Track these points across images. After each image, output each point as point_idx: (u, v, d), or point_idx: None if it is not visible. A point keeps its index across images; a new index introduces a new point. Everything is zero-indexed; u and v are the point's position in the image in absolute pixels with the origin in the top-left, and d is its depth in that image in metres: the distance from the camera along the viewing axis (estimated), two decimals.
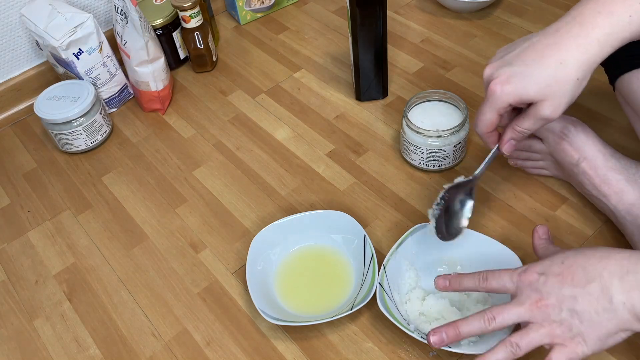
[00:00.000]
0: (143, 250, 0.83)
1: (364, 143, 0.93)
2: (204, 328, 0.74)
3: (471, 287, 0.61)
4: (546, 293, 0.54)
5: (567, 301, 0.53)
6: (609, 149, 0.73)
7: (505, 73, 0.57)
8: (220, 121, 1.00)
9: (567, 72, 0.55)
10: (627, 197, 0.70)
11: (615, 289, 0.52)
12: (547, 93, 0.56)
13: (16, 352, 0.75)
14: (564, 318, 0.53)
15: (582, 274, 0.53)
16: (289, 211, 0.84)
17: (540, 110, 0.58)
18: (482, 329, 0.57)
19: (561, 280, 0.54)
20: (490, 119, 0.60)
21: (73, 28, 0.94)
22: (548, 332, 0.54)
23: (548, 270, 0.55)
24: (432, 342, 0.58)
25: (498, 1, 1.13)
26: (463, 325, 0.58)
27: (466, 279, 0.61)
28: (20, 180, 0.96)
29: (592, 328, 0.52)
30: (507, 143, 0.64)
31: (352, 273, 0.75)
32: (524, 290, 0.56)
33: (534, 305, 0.54)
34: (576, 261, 0.54)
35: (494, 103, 0.59)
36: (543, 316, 0.54)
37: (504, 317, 0.56)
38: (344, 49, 1.10)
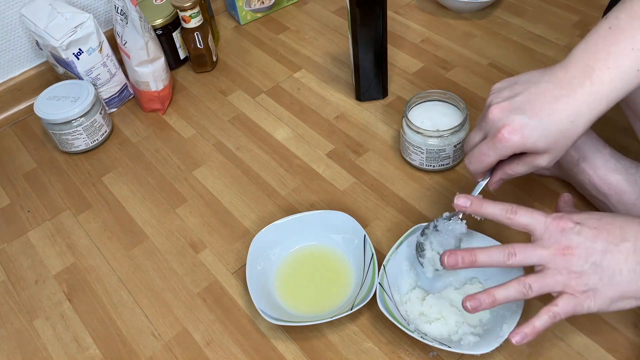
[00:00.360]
0: (143, 250, 0.83)
1: (364, 143, 0.93)
2: (204, 328, 0.74)
3: (495, 215, 0.58)
4: (576, 243, 0.53)
5: (595, 254, 0.52)
6: (609, 149, 0.73)
7: (517, 122, 0.55)
8: (220, 121, 1.00)
9: (575, 130, 0.55)
10: (627, 197, 0.70)
11: None
12: (551, 148, 0.56)
13: (16, 352, 0.75)
14: (585, 270, 0.52)
15: (619, 232, 0.53)
16: (289, 211, 0.84)
17: (538, 160, 0.57)
18: (499, 261, 0.55)
19: (596, 234, 0.53)
20: (491, 162, 0.59)
21: (73, 28, 0.94)
22: (564, 281, 0.53)
23: (585, 222, 0.54)
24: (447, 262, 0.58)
25: (498, 1, 1.13)
26: (481, 254, 0.57)
27: (491, 205, 0.58)
28: (20, 180, 0.96)
29: (610, 286, 0.52)
30: (496, 183, 0.63)
31: (352, 273, 0.75)
32: (553, 235, 0.54)
33: (559, 252, 0.53)
34: (614, 220, 0.54)
35: (501, 150, 0.57)
36: (564, 264, 0.53)
37: (525, 255, 0.55)
38: (344, 49, 1.10)
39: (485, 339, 0.64)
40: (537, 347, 0.66)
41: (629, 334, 0.66)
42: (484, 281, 0.71)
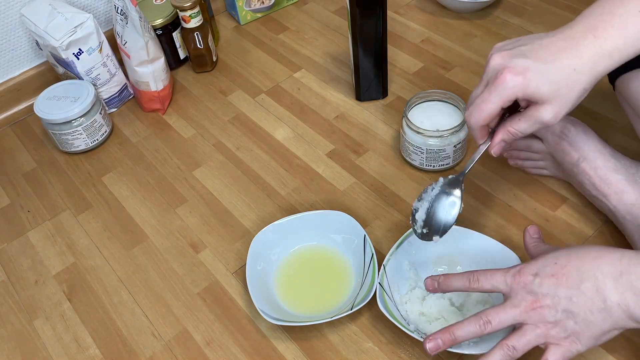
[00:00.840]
0: (143, 250, 0.83)
1: (364, 143, 0.93)
2: (204, 328, 0.74)
3: (461, 288, 0.60)
4: (541, 295, 0.54)
5: (562, 302, 0.53)
6: (609, 148, 0.73)
7: (520, 64, 0.54)
8: (220, 121, 1.00)
9: (578, 80, 0.54)
10: (627, 197, 0.70)
11: (610, 290, 0.52)
12: (554, 96, 0.54)
13: (16, 352, 0.75)
14: (559, 319, 0.54)
15: (576, 274, 0.54)
16: (289, 211, 0.84)
17: (541, 112, 0.55)
18: (477, 332, 0.57)
19: (556, 282, 0.54)
20: (493, 109, 0.56)
21: (73, 28, 0.94)
22: (543, 332, 0.54)
23: (542, 272, 0.55)
24: (428, 348, 0.58)
25: (498, 1, 1.13)
26: (458, 330, 0.58)
27: (455, 280, 0.60)
28: (20, 180, 0.96)
29: (587, 328, 0.53)
30: (497, 145, 0.60)
31: (352, 273, 0.75)
32: (519, 293, 0.56)
33: (530, 307, 0.55)
34: (570, 261, 0.55)
35: (502, 93, 0.55)
36: (539, 317, 0.54)
37: (499, 320, 0.56)
38: (344, 49, 1.10)
39: (485, 339, 0.64)
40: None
41: (629, 334, 0.66)
42: None
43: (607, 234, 0.75)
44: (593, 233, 0.76)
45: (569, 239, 0.76)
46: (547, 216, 0.79)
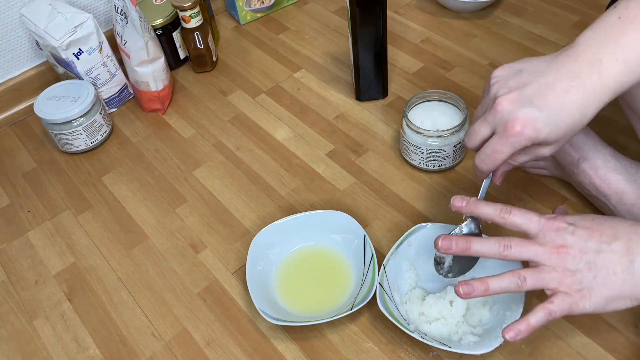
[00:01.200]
0: (143, 250, 0.83)
1: (364, 143, 0.93)
2: (204, 328, 0.74)
3: (489, 215, 0.58)
4: (571, 242, 0.53)
5: (589, 253, 0.53)
6: (609, 148, 0.73)
7: (529, 115, 0.54)
8: (220, 121, 1.00)
9: (582, 122, 0.54)
10: (627, 198, 0.70)
11: (638, 254, 0.51)
12: (559, 139, 0.55)
13: (16, 352, 0.75)
14: (579, 269, 0.53)
15: (611, 232, 0.53)
16: (289, 211, 0.84)
17: (543, 150, 0.56)
18: (494, 252, 0.56)
19: (589, 234, 0.53)
20: (504, 159, 0.57)
21: (73, 28, 0.94)
22: (559, 278, 0.53)
23: (578, 222, 0.55)
24: (440, 245, 0.58)
25: (498, 1, 1.13)
26: (476, 243, 0.57)
27: (486, 205, 0.58)
28: (20, 180, 0.96)
29: (604, 285, 0.52)
30: (500, 176, 0.63)
31: (352, 273, 0.75)
32: (548, 234, 0.55)
33: (555, 249, 0.54)
34: (607, 220, 0.54)
35: (514, 144, 0.55)
36: (559, 262, 0.53)
37: (520, 249, 0.55)
38: (344, 49, 1.10)
39: (485, 339, 0.64)
40: (537, 346, 0.66)
41: (629, 334, 0.66)
42: None
43: None
44: None
45: None
46: None
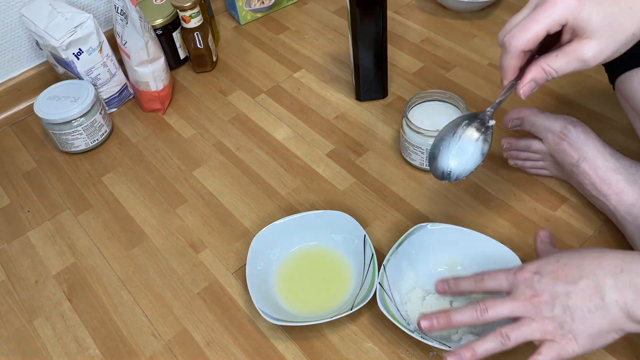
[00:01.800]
0: (143, 250, 0.83)
1: (364, 143, 0.93)
2: (204, 328, 0.74)
3: (468, 289, 0.62)
4: (540, 290, 0.55)
5: (560, 297, 0.54)
6: (609, 149, 0.73)
7: None
8: (220, 121, 1.00)
9: (631, 21, 0.50)
10: (627, 198, 0.70)
11: (609, 287, 0.52)
12: (603, 32, 0.50)
13: (16, 352, 0.75)
14: (556, 314, 0.54)
15: (576, 271, 0.54)
16: (289, 211, 0.84)
17: (584, 48, 0.51)
18: (473, 319, 0.57)
19: (555, 278, 0.54)
20: (539, 30, 0.51)
21: (73, 28, 0.94)
22: (540, 327, 0.54)
23: (542, 269, 0.56)
24: (423, 326, 0.59)
25: (498, 1, 1.13)
26: (455, 314, 0.58)
27: (463, 282, 0.62)
28: (20, 180, 0.96)
29: (584, 325, 0.53)
30: (527, 84, 0.54)
31: (352, 273, 0.75)
32: (519, 287, 0.56)
33: (528, 301, 0.55)
34: (571, 260, 0.55)
35: (553, 13, 0.50)
36: (536, 311, 0.54)
37: (496, 309, 0.56)
38: (344, 49, 1.10)
39: None
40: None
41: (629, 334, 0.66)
42: None
43: (607, 234, 0.75)
44: (593, 233, 0.76)
45: (569, 239, 0.76)
46: (547, 216, 0.79)
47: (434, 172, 0.62)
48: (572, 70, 0.53)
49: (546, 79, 0.54)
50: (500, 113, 0.92)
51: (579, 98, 0.92)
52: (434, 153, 0.62)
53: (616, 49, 0.51)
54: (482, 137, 0.60)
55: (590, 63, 0.52)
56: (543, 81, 0.54)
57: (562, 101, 0.92)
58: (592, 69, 0.56)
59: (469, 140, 0.60)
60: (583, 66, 0.52)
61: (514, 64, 0.54)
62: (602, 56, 0.51)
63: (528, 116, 0.77)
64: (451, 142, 0.61)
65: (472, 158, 0.60)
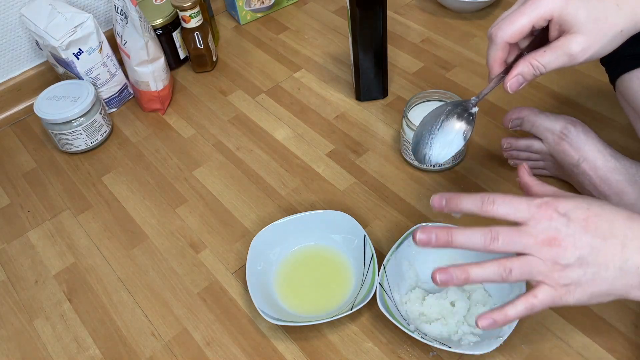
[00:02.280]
0: (143, 250, 0.83)
1: (364, 143, 0.93)
2: (204, 328, 0.74)
3: (471, 209, 0.53)
4: (564, 234, 0.50)
5: (583, 249, 0.49)
6: (609, 149, 0.73)
7: None
8: (220, 121, 1.00)
9: (618, 18, 0.51)
10: (627, 198, 0.70)
11: (633, 252, 0.49)
12: (589, 27, 0.51)
13: (16, 352, 0.75)
14: (570, 264, 0.50)
15: (607, 227, 0.50)
16: (289, 211, 0.84)
17: (571, 43, 0.51)
18: (480, 244, 0.51)
19: (585, 227, 0.50)
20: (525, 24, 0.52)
21: (73, 28, 0.94)
22: (546, 271, 0.50)
23: (572, 212, 0.50)
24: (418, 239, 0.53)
25: (498, 1, 1.13)
26: (459, 234, 0.52)
27: (466, 200, 0.53)
28: (20, 180, 0.96)
29: (593, 282, 0.50)
30: (514, 78, 0.54)
31: (352, 273, 0.75)
32: (540, 223, 0.50)
33: (547, 242, 0.50)
34: (603, 212, 0.51)
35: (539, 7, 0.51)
36: (550, 255, 0.50)
37: (509, 240, 0.51)
38: (344, 49, 1.10)
39: (485, 339, 0.64)
40: (537, 346, 0.66)
41: (629, 334, 0.66)
42: None
43: None
44: None
45: None
46: None
47: (416, 156, 0.62)
48: (560, 65, 0.53)
49: (534, 74, 0.54)
50: (500, 113, 0.92)
51: (579, 98, 0.92)
52: (417, 137, 0.62)
53: (603, 44, 0.52)
54: (464, 123, 0.60)
55: (577, 58, 0.52)
56: (531, 76, 0.55)
57: (562, 101, 0.92)
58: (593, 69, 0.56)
59: (451, 126, 0.61)
60: (571, 61, 0.52)
61: (500, 55, 0.55)
62: (590, 51, 0.52)
63: (528, 116, 0.77)
64: (433, 127, 0.61)
65: (453, 142, 0.60)
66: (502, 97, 0.94)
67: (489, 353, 0.64)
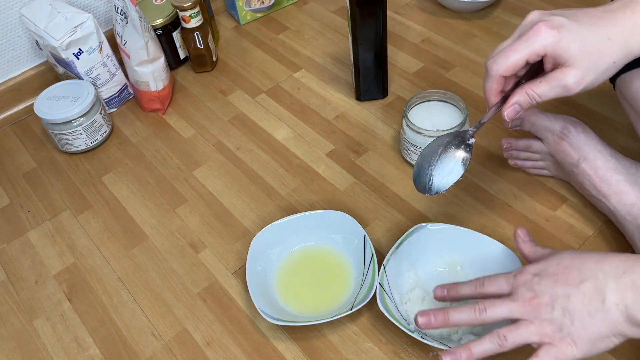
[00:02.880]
0: (143, 250, 0.83)
1: (364, 143, 0.93)
2: (204, 328, 0.74)
3: (469, 294, 0.60)
4: (540, 292, 0.54)
5: (560, 300, 0.53)
6: (609, 149, 0.73)
7: (557, 21, 0.54)
8: (220, 121, 1.00)
9: (610, 50, 0.53)
10: (627, 198, 0.70)
11: (610, 290, 0.51)
12: (582, 60, 0.53)
13: (16, 352, 0.75)
14: (555, 317, 0.53)
15: (577, 274, 0.53)
16: (289, 211, 0.84)
17: (566, 75, 0.54)
18: (471, 319, 0.56)
19: (555, 280, 0.54)
20: (519, 58, 0.55)
21: (73, 28, 0.94)
22: (538, 330, 0.53)
23: (543, 271, 0.55)
24: (420, 322, 0.58)
25: (498, 1, 1.13)
26: (453, 313, 0.57)
27: (463, 287, 0.61)
28: (20, 180, 0.96)
29: (583, 329, 0.52)
30: (511, 107, 0.57)
31: (352, 273, 0.75)
32: (519, 289, 0.55)
33: (527, 303, 0.54)
34: (572, 262, 0.54)
35: (534, 43, 0.54)
36: (535, 314, 0.54)
37: (495, 310, 0.55)
38: (344, 49, 1.10)
39: None
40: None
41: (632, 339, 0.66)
42: None
43: (607, 234, 0.75)
44: (593, 233, 0.76)
45: (569, 239, 0.76)
46: (547, 216, 0.79)
47: (417, 186, 0.65)
48: (555, 96, 0.56)
49: (530, 103, 0.57)
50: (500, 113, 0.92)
51: (579, 98, 0.92)
52: (418, 168, 0.65)
53: (597, 76, 0.54)
54: (462, 154, 0.63)
55: (572, 89, 0.54)
56: (527, 105, 0.57)
57: (562, 101, 0.92)
58: None
59: (450, 156, 0.64)
60: (566, 92, 0.55)
61: (495, 87, 0.58)
62: (584, 83, 0.54)
63: (528, 116, 0.77)
64: (433, 158, 0.65)
65: (452, 172, 0.64)
66: None
67: None
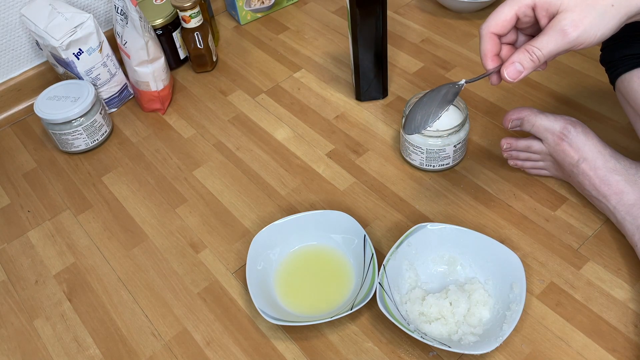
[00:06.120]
0: (143, 250, 0.83)
1: (364, 143, 0.93)
2: (204, 328, 0.74)
3: None
4: None
5: None
6: (609, 149, 0.73)
7: None
8: (220, 121, 1.00)
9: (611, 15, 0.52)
10: (627, 198, 0.70)
11: None
12: (575, 2, 0.52)
13: (16, 352, 0.75)
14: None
15: None
16: (289, 211, 0.84)
17: (560, 20, 0.53)
18: None
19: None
20: (507, 13, 0.55)
21: (73, 28, 0.94)
22: None
23: None
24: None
25: (498, 1, 1.13)
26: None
27: None
28: (20, 180, 0.96)
29: None
30: (511, 65, 0.56)
31: (352, 273, 0.75)
32: None
33: None
34: None
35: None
36: None
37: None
38: (344, 49, 1.10)
39: (485, 339, 0.64)
40: (537, 346, 0.67)
41: (629, 334, 0.66)
42: (484, 281, 0.71)
43: (607, 233, 0.76)
44: (593, 233, 0.76)
45: (569, 239, 0.76)
46: (547, 216, 0.79)
47: (407, 130, 0.64)
48: (557, 47, 0.54)
49: (531, 59, 0.55)
50: (500, 113, 0.92)
51: (579, 98, 0.92)
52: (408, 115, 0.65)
53: (594, 18, 0.52)
54: (450, 91, 0.62)
55: (570, 33, 0.52)
56: (528, 62, 0.55)
57: (562, 101, 0.92)
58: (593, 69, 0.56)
59: (437, 94, 0.63)
60: (565, 38, 0.53)
61: (488, 47, 0.56)
62: (581, 25, 0.52)
63: (528, 116, 0.77)
64: (423, 99, 0.64)
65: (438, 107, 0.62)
66: (502, 97, 0.95)
67: (489, 353, 0.64)
